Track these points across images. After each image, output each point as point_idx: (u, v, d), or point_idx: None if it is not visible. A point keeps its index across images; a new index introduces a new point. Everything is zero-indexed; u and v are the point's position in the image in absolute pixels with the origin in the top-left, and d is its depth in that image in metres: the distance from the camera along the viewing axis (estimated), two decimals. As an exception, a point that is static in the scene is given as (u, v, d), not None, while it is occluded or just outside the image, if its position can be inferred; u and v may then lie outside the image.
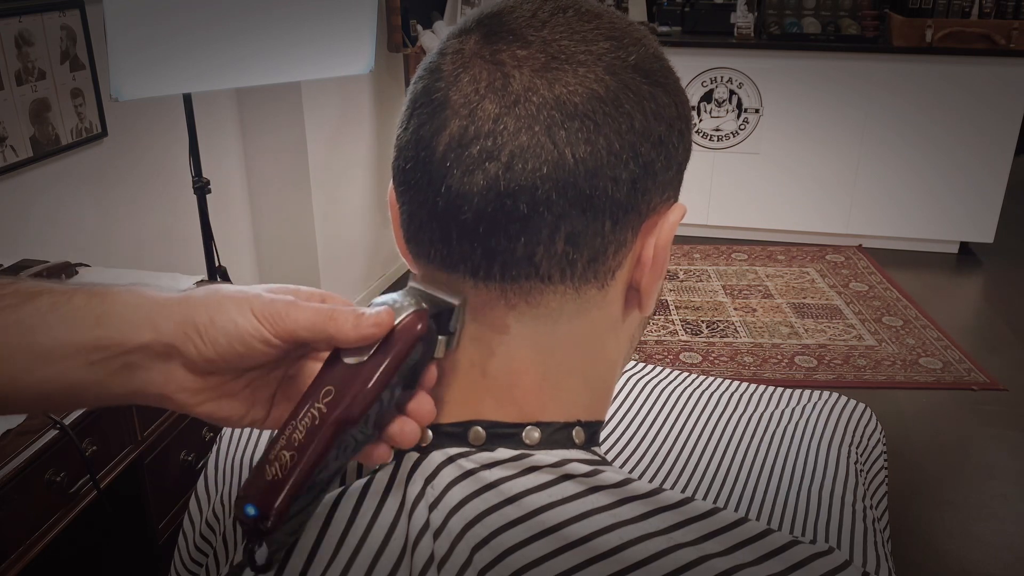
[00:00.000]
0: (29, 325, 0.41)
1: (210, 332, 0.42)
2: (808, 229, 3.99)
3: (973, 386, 2.78)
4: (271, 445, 0.41)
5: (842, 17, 3.92)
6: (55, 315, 0.42)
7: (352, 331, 0.42)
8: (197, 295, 0.44)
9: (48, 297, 0.43)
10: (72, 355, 0.42)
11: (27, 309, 0.42)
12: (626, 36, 0.43)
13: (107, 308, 0.43)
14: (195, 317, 0.43)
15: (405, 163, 0.44)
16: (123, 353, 0.42)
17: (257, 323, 0.43)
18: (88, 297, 0.43)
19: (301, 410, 0.42)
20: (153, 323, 0.43)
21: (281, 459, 0.40)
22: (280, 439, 0.41)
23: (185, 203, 2.37)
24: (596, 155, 0.41)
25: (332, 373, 0.42)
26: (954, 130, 3.71)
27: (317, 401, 0.41)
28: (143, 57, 1.74)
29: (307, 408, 0.42)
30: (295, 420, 0.41)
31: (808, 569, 0.42)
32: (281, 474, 0.40)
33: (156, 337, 0.42)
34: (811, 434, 0.73)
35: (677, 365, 2.88)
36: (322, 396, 0.42)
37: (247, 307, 0.43)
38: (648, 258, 0.45)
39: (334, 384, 0.42)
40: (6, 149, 1.81)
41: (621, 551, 0.42)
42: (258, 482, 0.41)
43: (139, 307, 0.43)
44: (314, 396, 0.42)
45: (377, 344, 0.42)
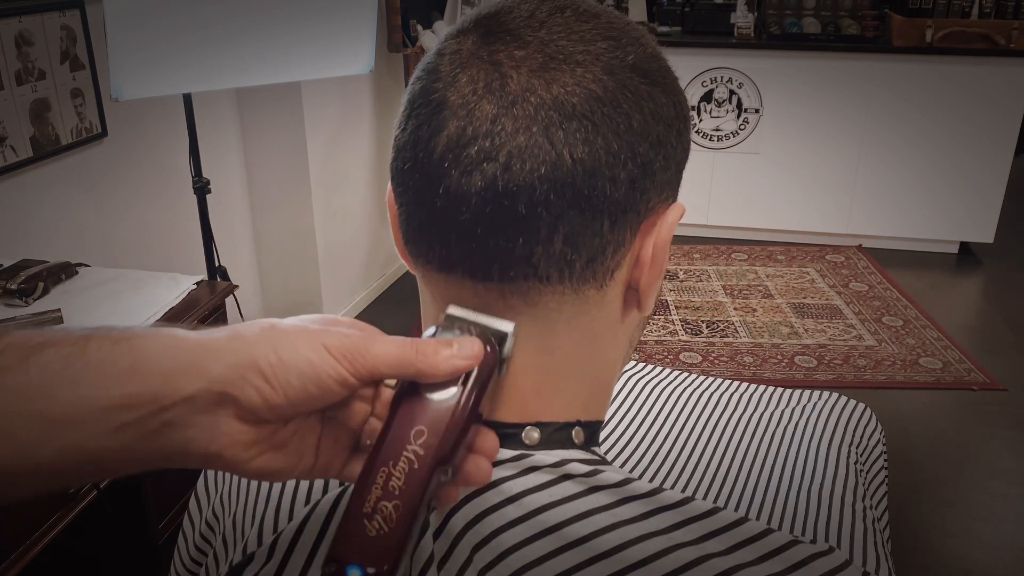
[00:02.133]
0: (37, 387, 0.34)
1: (280, 373, 0.37)
2: (808, 229, 3.99)
3: (973, 386, 2.78)
4: (361, 497, 0.37)
5: (842, 17, 3.92)
6: (68, 372, 0.34)
7: (445, 365, 0.39)
8: (249, 332, 0.38)
9: (55, 350, 0.35)
10: (94, 419, 0.34)
11: (32, 368, 0.34)
12: (624, 36, 0.43)
13: (136, 357, 0.35)
14: (257, 357, 0.36)
15: (403, 164, 0.44)
16: (160, 410, 0.35)
17: (334, 361, 0.37)
18: (108, 345, 0.36)
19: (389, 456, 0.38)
20: (200, 368, 0.36)
21: (383, 511, 0.36)
22: (372, 489, 0.37)
23: (185, 203, 2.37)
24: (594, 155, 0.41)
25: (415, 412, 0.39)
26: (954, 130, 3.71)
27: (410, 443, 0.38)
28: (143, 57, 1.74)
29: (399, 452, 0.38)
30: (388, 467, 0.37)
31: (808, 569, 0.42)
32: (388, 527, 0.36)
33: (206, 385, 0.36)
34: (811, 434, 0.73)
35: (677, 365, 2.88)
36: (414, 438, 0.38)
37: (318, 343, 0.38)
38: (647, 258, 0.45)
39: (423, 424, 0.38)
40: (6, 149, 1.81)
41: (621, 551, 0.42)
42: (357, 539, 0.36)
43: (177, 352, 0.36)
44: (402, 439, 0.38)
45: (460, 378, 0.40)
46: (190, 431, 0.36)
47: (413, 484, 0.37)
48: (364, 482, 0.38)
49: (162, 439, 0.36)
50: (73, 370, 0.35)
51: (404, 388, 0.40)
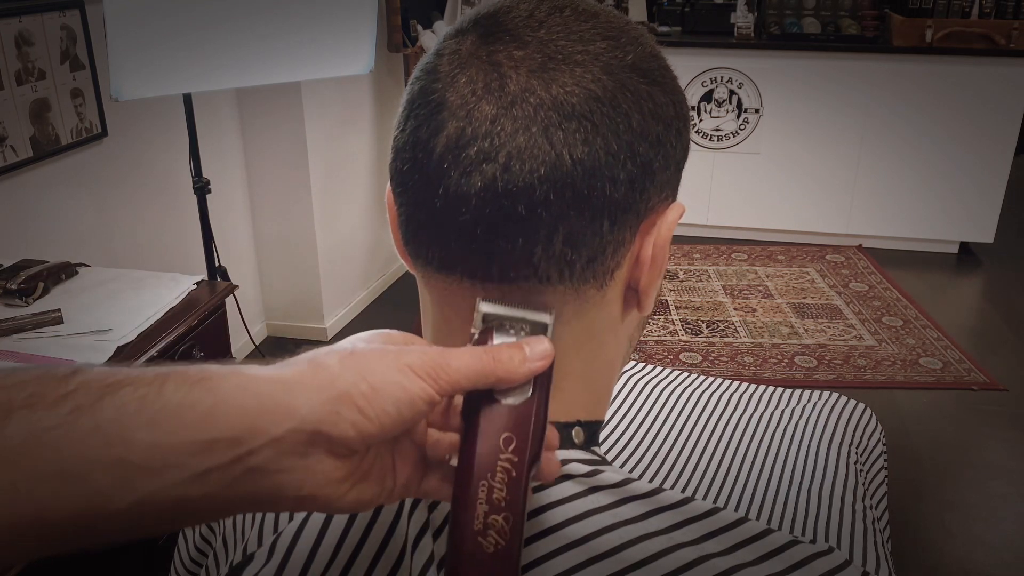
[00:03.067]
0: (113, 431, 0.31)
1: (375, 403, 0.35)
2: (808, 229, 3.99)
3: (973, 386, 2.78)
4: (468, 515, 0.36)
5: (842, 17, 3.92)
6: (145, 414, 0.32)
7: (523, 369, 0.38)
8: (330, 362, 0.36)
9: (130, 390, 0.32)
10: (174, 466, 0.32)
11: (107, 409, 0.32)
12: (623, 35, 0.43)
13: (218, 398, 0.33)
14: (348, 389, 0.35)
15: (402, 164, 0.44)
16: (247, 455, 0.33)
17: (420, 381, 0.36)
18: (186, 386, 0.33)
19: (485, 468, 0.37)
20: (286, 408, 0.34)
21: (494, 525, 0.36)
22: (477, 505, 0.36)
23: (185, 203, 2.37)
24: (594, 155, 0.40)
25: (497, 419, 0.38)
26: (954, 130, 3.71)
27: (503, 452, 0.37)
28: (143, 57, 1.74)
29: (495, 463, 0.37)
30: (487, 479, 0.36)
31: (808, 569, 0.42)
32: (503, 540, 0.36)
33: (296, 426, 0.34)
34: (811, 434, 0.73)
35: (677, 365, 2.88)
36: (504, 445, 0.37)
37: (403, 364, 0.36)
38: (647, 258, 0.45)
39: (510, 430, 0.37)
40: (6, 149, 1.81)
41: (621, 551, 0.42)
42: (479, 558, 0.36)
43: (259, 391, 0.34)
44: (494, 448, 0.37)
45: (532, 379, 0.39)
46: (280, 476, 0.34)
47: (516, 492, 0.36)
48: (465, 499, 0.37)
49: (249, 485, 0.33)
50: (150, 412, 0.32)
51: (474, 397, 0.39)
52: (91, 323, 1.47)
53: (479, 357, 0.38)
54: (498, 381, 0.38)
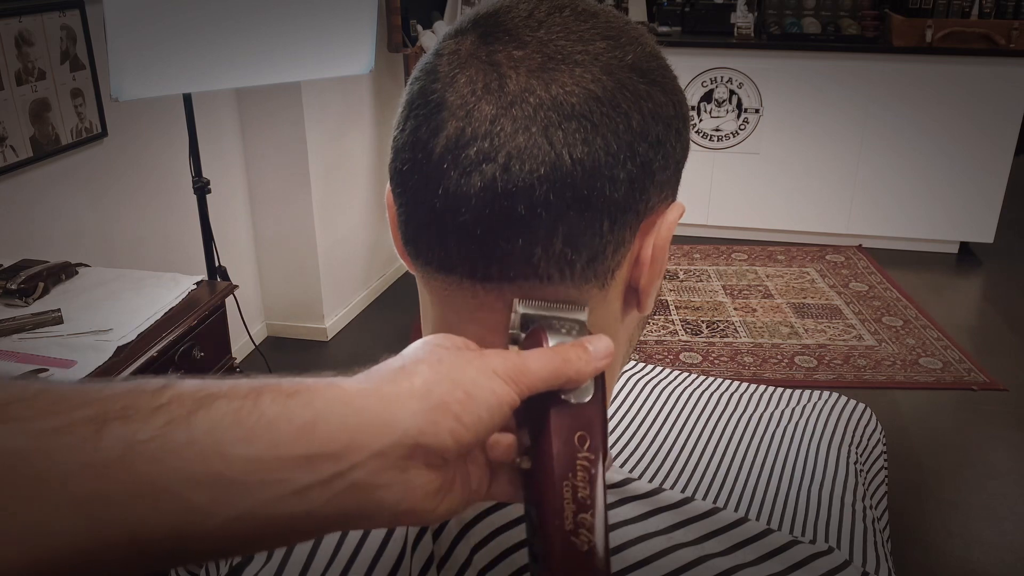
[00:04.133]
0: (208, 445, 0.30)
1: (471, 410, 0.34)
2: (808, 229, 3.99)
3: (973, 386, 2.78)
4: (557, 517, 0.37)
5: (842, 17, 3.92)
6: (241, 428, 0.31)
7: (589, 369, 0.39)
8: (420, 370, 0.35)
9: (225, 403, 0.31)
10: (273, 482, 0.31)
11: (202, 423, 0.31)
12: (623, 35, 0.43)
13: (316, 412, 0.32)
14: (444, 398, 0.34)
15: (402, 165, 0.44)
16: (349, 469, 0.32)
17: (507, 386, 0.36)
18: (281, 399, 0.32)
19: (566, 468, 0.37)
20: (386, 421, 0.33)
21: (584, 524, 0.37)
22: (565, 505, 0.37)
23: (185, 203, 2.37)
24: (594, 155, 0.40)
25: (568, 418, 0.38)
26: (954, 130, 3.71)
27: (579, 451, 0.38)
28: (143, 57, 1.74)
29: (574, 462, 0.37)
30: (569, 479, 0.37)
31: (808, 569, 0.42)
32: (593, 537, 0.37)
33: (397, 439, 0.33)
34: (811, 434, 0.73)
35: (677, 365, 2.88)
36: (578, 443, 0.38)
37: (490, 370, 0.36)
38: (647, 257, 0.45)
39: (582, 429, 0.38)
40: (6, 149, 1.81)
41: (621, 551, 0.42)
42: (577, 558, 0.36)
43: (357, 405, 0.33)
44: (570, 447, 0.38)
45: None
46: (381, 491, 0.33)
47: (596, 489, 0.37)
48: (550, 501, 0.37)
49: (349, 501, 0.32)
50: (246, 426, 0.31)
51: (535, 397, 0.38)
52: (91, 323, 1.47)
53: (551, 359, 0.38)
54: (568, 381, 0.38)
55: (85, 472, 0.28)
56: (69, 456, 0.28)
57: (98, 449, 0.29)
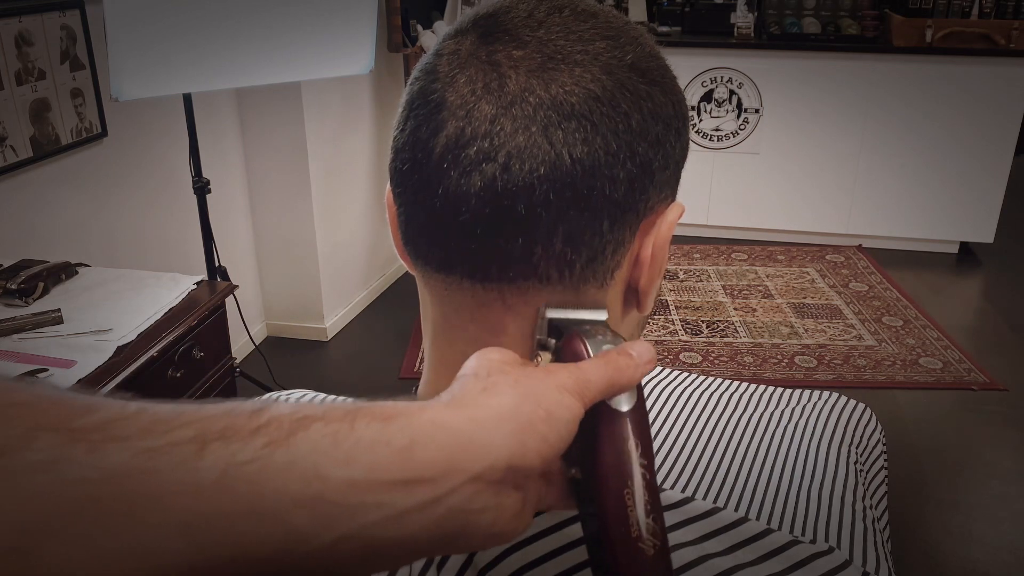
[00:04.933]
0: (309, 467, 0.30)
1: (555, 427, 0.34)
2: (808, 229, 3.99)
3: (973, 386, 2.78)
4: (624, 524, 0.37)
5: (842, 17, 3.92)
6: (339, 451, 0.31)
7: (638, 375, 0.38)
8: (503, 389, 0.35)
9: (322, 425, 0.31)
10: (372, 506, 0.30)
11: (301, 445, 0.30)
12: (622, 35, 0.43)
13: (413, 436, 0.32)
14: (530, 417, 0.34)
15: (402, 165, 0.44)
16: (448, 493, 0.32)
17: (575, 400, 0.36)
18: (377, 423, 0.32)
19: (626, 476, 0.37)
20: (484, 443, 0.32)
21: (649, 528, 0.37)
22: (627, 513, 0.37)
23: (185, 203, 2.38)
24: (593, 155, 0.40)
25: (619, 425, 0.38)
26: (954, 130, 3.71)
27: (635, 457, 0.38)
28: (143, 57, 1.74)
29: (632, 470, 0.37)
30: (630, 487, 0.37)
31: (808, 569, 0.42)
32: (659, 541, 0.37)
33: (491, 462, 0.32)
34: (811, 434, 0.73)
35: (677, 365, 2.88)
36: (632, 449, 0.38)
37: (560, 385, 0.36)
38: (646, 257, 0.45)
39: (635, 436, 0.38)
40: (6, 149, 1.81)
41: (621, 551, 0.42)
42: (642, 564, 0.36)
43: (453, 429, 0.32)
44: (627, 455, 0.38)
45: None
46: (476, 515, 0.33)
47: (654, 493, 0.37)
48: (613, 511, 0.37)
49: (447, 525, 0.32)
50: (343, 449, 0.31)
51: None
52: (91, 323, 1.47)
53: (605, 368, 0.37)
54: (620, 389, 0.38)
55: (186, 493, 0.28)
56: (170, 476, 0.28)
57: (199, 470, 0.28)
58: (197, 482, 0.28)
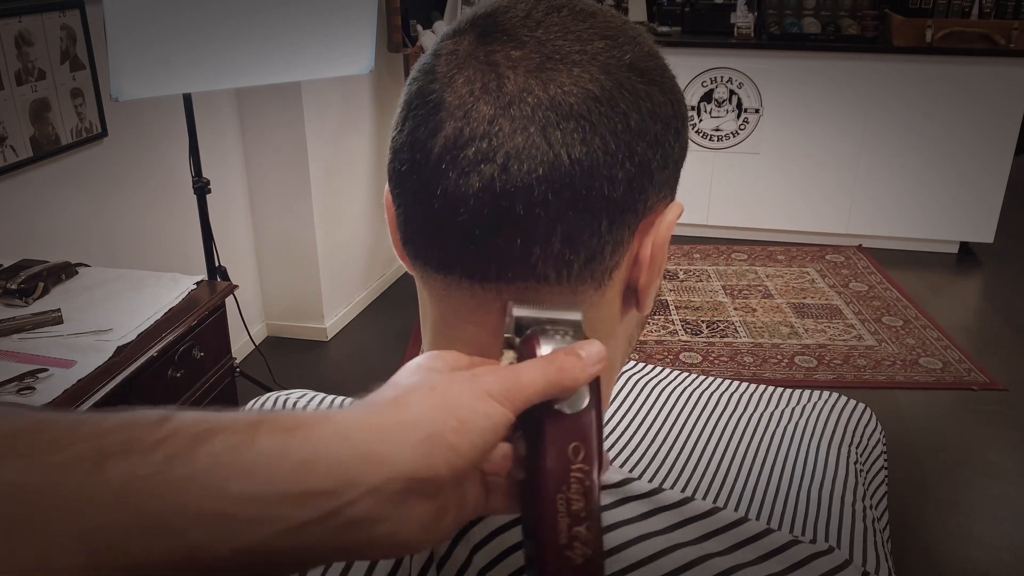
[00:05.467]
0: (209, 480, 0.30)
1: (466, 438, 0.34)
2: (808, 229, 3.99)
3: (973, 386, 2.78)
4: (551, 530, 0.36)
5: (842, 17, 3.92)
6: (239, 464, 0.31)
7: (584, 376, 0.38)
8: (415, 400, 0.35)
9: (224, 438, 0.31)
10: (272, 518, 0.31)
11: (201, 458, 0.30)
12: (621, 35, 0.43)
13: (313, 448, 0.32)
14: (439, 428, 0.34)
15: (400, 165, 0.43)
16: (345, 506, 0.32)
17: (501, 407, 0.35)
18: (278, 435, 0.32)
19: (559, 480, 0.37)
20: (381, 456, 0.33)
21: (579, 536, 0.36)
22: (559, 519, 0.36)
23: (185, 203, 2.38)
24: (592, 155, 0.40)
25: (561, 429, 0.37)
26: (954, 130, 3.71)
27: (573, 463, 0.37)
28: (143, 57, 1.74)
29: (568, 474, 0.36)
30: (564, 492, 0.36)
31: (808, 568, 0.42)
32: (590, 550, 0.36)
33: (391, 475, 0.32)
34: (811, 434, 0.73)
35: (677, 365, 2.88)
36: (574, 455, 0.37)
37: (483, 392, 0.35)
38: (646, 257, 0.45)
39: (576, 439, 0.37)
40: (6, 149, 1.81)
41: (621, 550, 0.42)
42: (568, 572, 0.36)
43: (353, 441, 0.33)
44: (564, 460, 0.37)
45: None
46: (377, 527, 0.33)
47: (591, 500, 0.36)
48: (543, 515, 0.36)
49: (345, 537, 0.32)
50: (244, 462, 0.31)
51: (530, 409, 0.38)
52: (91, 323, 1.47)
53: (545, 369, 0.37)
54: (563, 391, 0.37)
55: (87, 507, 0.28)
56: (71, 491, 0.28)
57: (99, 484, 0.29)
58: (96, 497, 0.29)
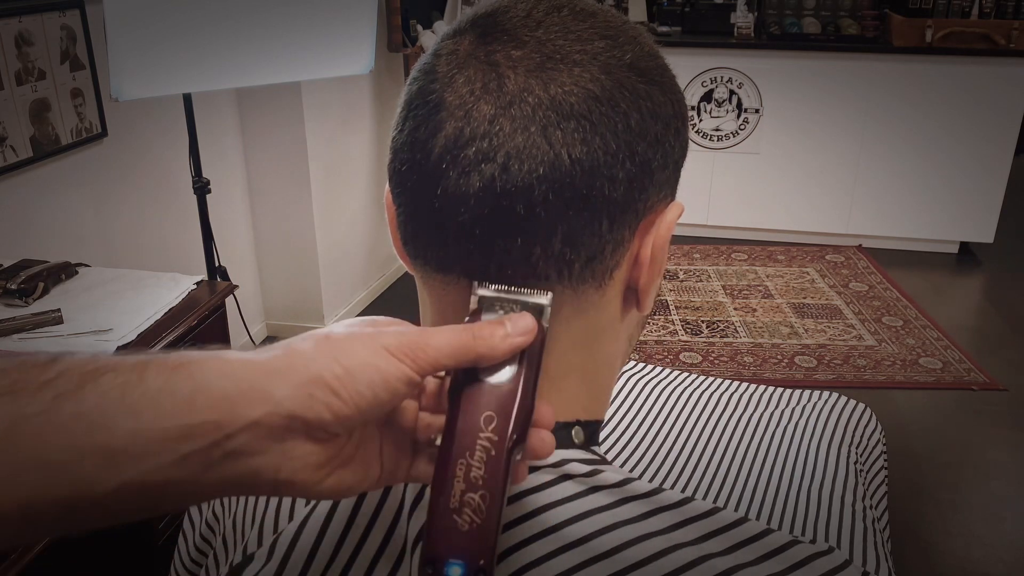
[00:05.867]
0: (96, 417, 0.32)
1: (348, 385, 0.35)
2: (808, 229, 3.99)
3: (973, 386, 2.78)
4: (444, 494, 0.36)
5: (842, 17, 3.92)
6: (127, 402, 0.33)
7: (503, 344, 0.38)
8: (305, 347, 0.36)
9: (111, 377, 0.33)
10: (157, 451, 0.32)
11: (89, 396, 0.32)
12: (621, 35, 0.43)
13: (196, 384, 0.34)
14: (321, 372, 0.35)
15: (401, 165, 0.44)
16: (225, 439, 0.33)
17: (398, 362, 0.36)
18: (166, 373, 0.34)
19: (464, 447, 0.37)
20: (262, 392, 0.34)
21: (471, 503, 0.36)
22: (454, 483, 0.36)
23: (185, 203, 2.37)
24: (592, 155, 0.40)
25: (479, 398, 0.38)
26: (954, 130, 3.71)
27: (482, 431, 0.37)
28: (143, 57, 1.74)
29: (474, 441, 0.37)
30: (465, 458, 0.37)
31: (808, 569, 0.42)
32: (479, 518, 0.36)
33: (271, 408, 0.34)
34: (811, 434, 0.73)
35: (677, 365, 2.88)
36: (484, 424, 0.37)
37: (378, 346, 0.36)
38: (646, 257, 0.45)
39: (492, 409, 0.37)
40: (6, 149, 1.81)
41: (621, 551, 0.42)
42: (451, 536, 0.36)
43: (237, 376, 0.34)
44: (474, 427, 0.37)
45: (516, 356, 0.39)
46: (258, 459, 0.34)
47: (495, 471, 0.36)
48: (443, 478, 0.37)
49: (228, 469, 0.34)
50: (131, 399, 0.33)
51: (459, 376, 0.39)
52: (91, 323, 1.47)
53: (459, 334, 0.38)
54: (479, 358, 0.38)
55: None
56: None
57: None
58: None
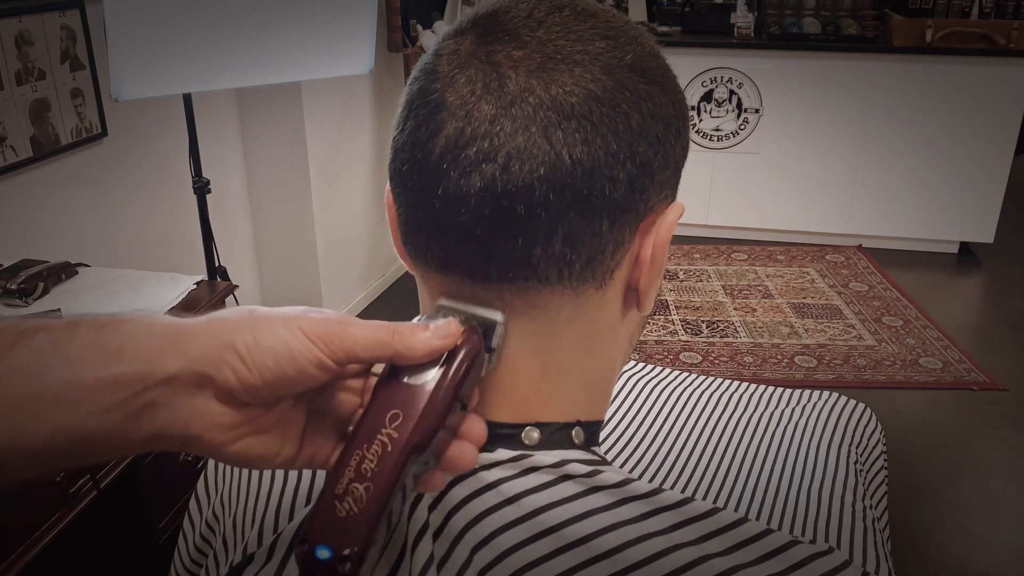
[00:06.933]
0: (28, 370, 0.35)
1: (255, 354, 0.37)
2: (808, 229, 3.99)
3: (973, 386, 2.78)
4: (334, 480, 0.37)
5: (842, 17, 3.92)
6: (58, 356, 0.35)
7: (421, 345, 0.39)
8: (228, 316, 0.39)
9: (44, 335, 0.36)
10: (84, 400, 0.35)
11: (21, 352, 0.35)
12: (622, 35, 0.43)
13: (122, 339, 0.36)
14: (234, 338, 0.37)
15: (401, 165, 0.44)
16: (143, 390, 0.36)
17: (310, 343, 0.38)
18: (95, 330, 0.36)
19: (364, 439, 0.38)
20: (180, 349, 0.37)
21: (354, 492, 0.37)
22: (345, 472, 0.37)
23: (185, 203, 2.37)
24: (593, 155, 0.40)
25: (392, 395, 0.39)
26: (954, 130, 3.71)
27: (384, 427, 0.38)
28: (143, 57, 1.74)
29: (374, 435, 0.38)
30: (362, 449, 0.37)
31: (808, 569, 0.42)
32: (357, 508, 0.36)
33: (186, 365, 0.37)
34: (811, 434, 0.73)
35: (677, 365, 2.88)
36: (388, 421, 0.38)
37: (295, 326, 0.38)
38: (646, 257, 0.45)
39: (399, 407, 0.38)
40: (6, 149, 1.81)
41: (621, 551, 0.42)
42: (327, 520, 0.36)
43: (159, 334, 0.37)
44: (378, 422, 0.38)
45: (440, 361, 0.40)
46: (170, 411, 0.37)
47: (386, 467, 0.37)
48: (339, 465, 0.38)
49: (144, 420, 0.36)
50: (63, 353, 0.35)
51: (387, 373, 0.40)
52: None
53: (380, 329, 0.39)
54: (395, 355, 0.39)
55: None
56: None
57: None
58: None
